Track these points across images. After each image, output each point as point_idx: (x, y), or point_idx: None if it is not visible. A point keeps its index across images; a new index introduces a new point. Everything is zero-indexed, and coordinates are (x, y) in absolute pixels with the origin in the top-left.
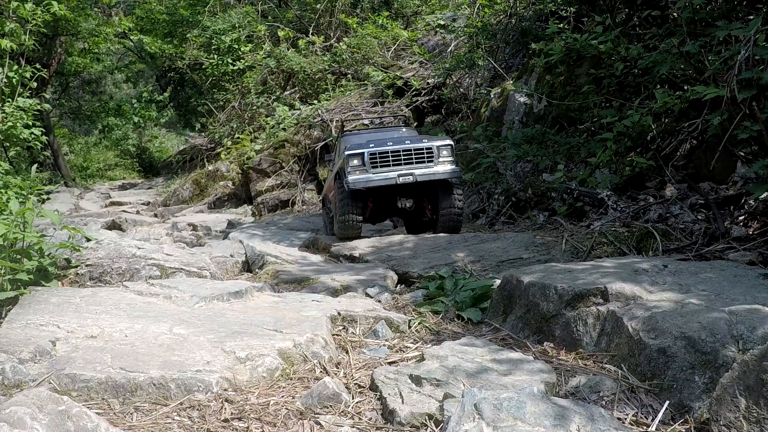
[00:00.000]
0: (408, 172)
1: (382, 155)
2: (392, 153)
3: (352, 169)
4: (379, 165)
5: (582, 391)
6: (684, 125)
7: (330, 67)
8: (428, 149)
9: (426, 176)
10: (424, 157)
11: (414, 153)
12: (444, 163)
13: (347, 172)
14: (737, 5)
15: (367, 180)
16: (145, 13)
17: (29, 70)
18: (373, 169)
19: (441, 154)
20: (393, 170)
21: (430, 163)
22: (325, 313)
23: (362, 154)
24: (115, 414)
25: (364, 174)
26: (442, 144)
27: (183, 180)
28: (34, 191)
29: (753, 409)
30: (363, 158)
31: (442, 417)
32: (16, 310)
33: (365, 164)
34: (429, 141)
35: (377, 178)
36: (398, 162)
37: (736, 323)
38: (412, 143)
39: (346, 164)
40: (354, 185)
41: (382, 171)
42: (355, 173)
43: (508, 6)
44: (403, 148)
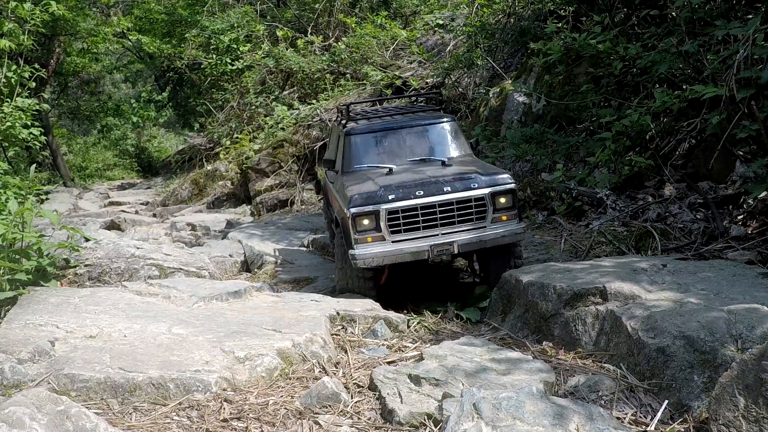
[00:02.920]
0: (446, 241)
1: (408, 212)
2: (423, 209)
3: (361, 234)
4: (402, 227)
5: (581, 390)
6: (683, 124)
7: (329, 66)
8: (478, 199)
9: (473, 246)
10: (471, 213)
11: (456, 206)
12: (500, 218)
13: (354, 240)
14: (736, 4)
15: (384, 255)
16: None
17: (28, 70)
18: (393, 234)
19: (497, 205)
20: (423, 235)
21: (481, 220)
22: (324, 312)
23: (376, 213)
24: (114, 414)
25: (379, 243)
26: (500, 189)
27: (182, 180)
28: (32, 191)
29: (752, 408)
30: (377, 218)
31: (441, 416)
32: (14, 310)
33: (381, 227)
34: (479, 184)
35: (399, 250)
36: (432, 221)
37: (735, 322)
38: (454, 189)
39: (351, 225)
40: (365, 262)
41: (406, 237)
42: (364, 241)
43: (507, 5)
44: (439, 200)
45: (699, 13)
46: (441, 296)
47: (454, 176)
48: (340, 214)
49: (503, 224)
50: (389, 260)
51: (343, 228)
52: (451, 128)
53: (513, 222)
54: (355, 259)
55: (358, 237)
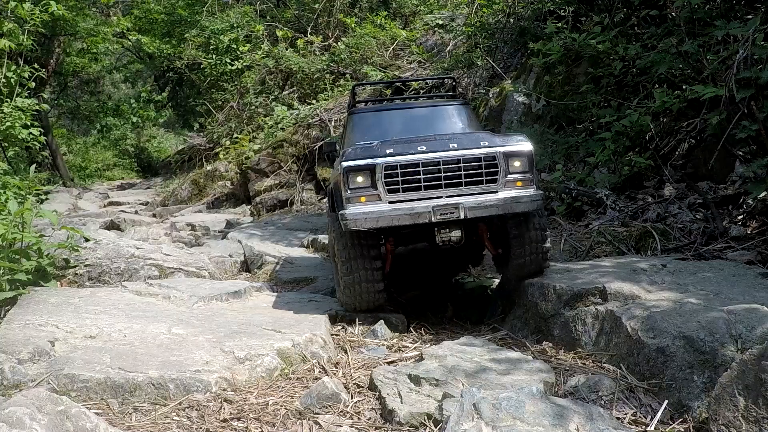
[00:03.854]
0: (451, 202)
1: (408, 169)
2: (425, 165)
3: (355, 193)
4: (401, 186)
5: (581, 390)
6: (682, 124)
7: (328, 66)
8: (489, 158)
9: (482, 210)
10: (481, 173)
11: (463, 165)
12: (515, 183)
13: (345, 199)
14: (735, 5)
15: (379, 215)
16: (144, 13)
17: (27, 70)
18: (391, 194)
19: (511, 168)
20: (425, 196)
21: (492, 183)
22: (323, 312)
23: (371, 168)
24: (114, 414)
25: (374, 203)
26: (513, 149)
27: (181, 180)
28: (32, 191)
29: (752, 408)
30: (373, 174)
31: (441, 417)
32: (14, 311)
33: (377, 185)
34: (490, 143)
35: (397, 211)
36: (435, 180)
37: (735, 323)
38: (461, 146)
39: (343, 182)
40: (356, 223)
41: (405, 198)
42: (358, 201)
43: (507, 5)
44: (444, 156)
45: (699, 14)
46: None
47: (462, 134)
48: (334, 181)
49: (517, 189)
50: (385, 222)
51: (335, 191)
52: (463, 110)
53: (529, 188)
54: (346, 219)
55: (350, 195)
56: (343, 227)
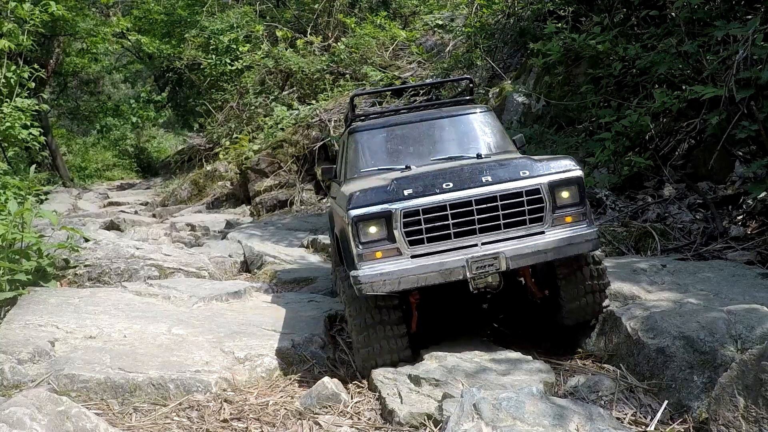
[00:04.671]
0: (489, 252)
1: (433, 213)
2: (455, 207)
3: (367, 248)
4: (425, 235)
5: (581, 390)
6: (682, 125)
7: (328, 66)
8: (532, 192)
9: (528, 258)
10: (523, 212)
11: (501, 204)
12: (563, 219)
13: (357, 256)
14: (735, 5)
15: (400, 275)
16: (143, 13)
17: (27, 70)
18: (413, 246)
19: (558, 201)
20: (456, 246)
21: (537, 223)
22: (323, 312)
23: (387, 216)
24: (114, 414)
25: (393, 259)
26: (560, 178)
27: (181, 180)
28: (32, 191)
29: (752, 408)
30: (389, 223)
31: (441, 417)
32: (14, 311)
33: (395, 236)
34: (532, 171)
35: (422, 268)
36: (468, 225)
37: (735, 323)
38: (497, 179)
39: (352, 235)
40: (373, 287)
41: (431, 249)
42: (372, 258)
43: (506, 6)
44: (477, 194)
45: (698, 14)
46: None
47: (495, 162)
48: (340, 226)
49: (568, 227)
50: (408, 283)
51: (342, 241)
52: (486, 120)
53: (581, 224)
54: (359, 283)
55: (363, 251)
56: (356, 291)
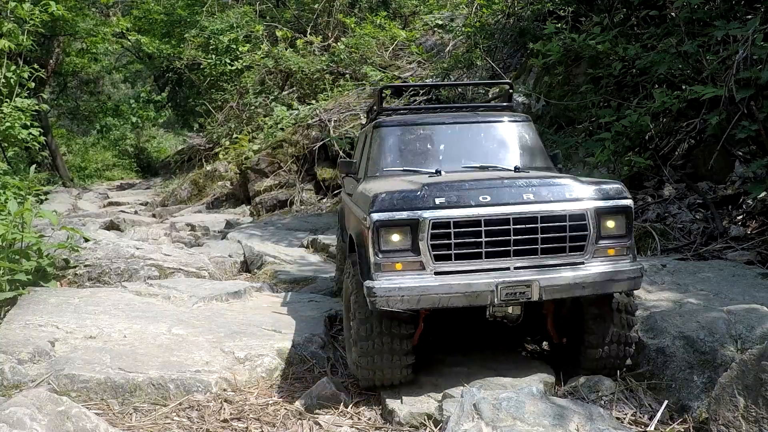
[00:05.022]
0: (522, 279)
1: (465, 228)
2: (490, 224)
3: (387, 257)
4: (453, 251)
5: (581, 390)
6: (682, 125)
7: (328, 66)
8: (576, 217)
9: (564, 291)
10: (564, 238)
11: (542, 226)
12: (606, 251)
13: (374, 265)
14: (735, 5)
15: (421, 292)
16: (143, 13)
17: (27, 70)
18: (438, 261)
19: (603, 230)
20: (486, 267)
21: (577, 252)
22: (323, 313)
23: (414, 224)
24: (114, 414)
25: (414, 273)
26: (609, 205)
27: (181, 180)
28: (32, 191)
29: (752, 408)
30: (415, 233)
31: (441, 417)
32: (14, 311)
33: (420, 248)
34: (579, 194)
35: (446, 287)
36: (501, 245)
37: (735, 323)
38: (540, 197)
39: (372, 241)
40: (389, 302)
41: (458, 267)
42: (391, 269)
43: (506, 6)
44: (516, 212)
45: (698, 14)
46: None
47: (539, 179)
48: (356, 228)
49: (610, 261)
50: (428, 302)
51: (359, 247)
52: (525, 130)
53: (625, 258)
54: (374, 295)
55: (382, 260)
56: (369, 304)
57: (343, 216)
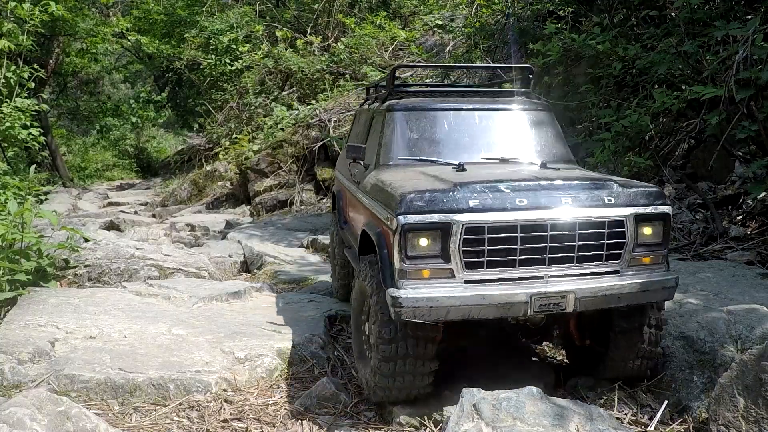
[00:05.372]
0: (557, 289)
1: (500, 234)
2: (526, 229)
3: (414, 264)
4: (486, 258)
5: (581, 390)
6: (682, 125)
7: (328, 67)
8: (615, 225)
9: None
10: (601, 245)
11: (579, 232)
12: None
13: (399, 271)
14: (735, 5)
15: (451, 304)
16: (143, 13)
17: (27, 70)
18: (469, 269)
19: (640, 238)
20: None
21: (614, 260)
22: (323, 313)
23: (445, 228)
24: (114, 414)
25: (443, 281)
26: (648, 212)
27: (181, 180)
28: (32, 192)
29: (752, 408)
30: (446, 238)
31: (441, 417)
32: (14, 311)
33: (451, 255)
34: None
35: (478, 298)
36: (537, 253)
37: (735, 323)
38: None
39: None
40: (416, 313)
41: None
42: (418, 276)
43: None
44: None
45: (698, 14)
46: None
47: (577, 182)
48: (374, 227)
49: (645, 270)
50: (459, 313)
51: (380, 249)
52: (547, 120)
53: (659, 269)
54: (400, 305)
55: (408, 267)
56: (393, 315)
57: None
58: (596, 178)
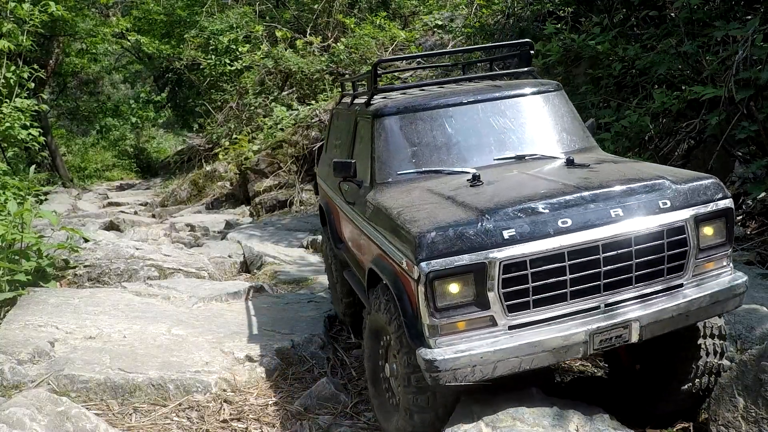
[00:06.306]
0: (617, 322)
1: (546, 266)
2: (574, 255)
3: (446, 317)
4: (532, 296)
5: (580, 390)
6: (682, 125)
7: (328, 67)
8: (674, 232)
9: (668, 324)
10: (661, 259)
11: (636, 248)
12: (704, 265)
13: (429, 327)
14: (735, 5)
15: (498, 358)
16: (143, 13)
17: (27, 70)
18: (512, 313)
19: (702, 241)
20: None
21: (676, 273)
22: (323, 313)
23: (480, 270)
24: (114, 415)
25: (483, 331)
26: (708, 210)
27: (181, 180)
28: (32, 192)
29: (751, 408)
30: (481, 280)
31: None
32: (14, 311)
33: (489, 299)
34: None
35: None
36: (588, 281)
37: (735, 323)
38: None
39: (424, 297)
40: (457, 375)
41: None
42: (452, 330)
43: (506, 6)
44: (605, 237)
45: (698, 14)
46: None
47: (622, 184)
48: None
49: (710, 276)
50: (507, 368)
51: (399, 298)
52: (559, 102)
53: (724, 272)
54: (437, 370)
55: (439, 321)
56: (430, 380)
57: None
58: (644, 177)
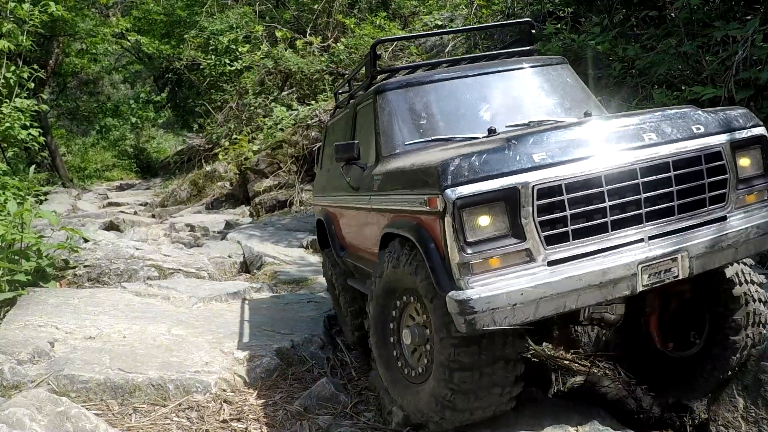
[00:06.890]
0: (666, 251)
1: (582, 191)
2: (611, 180)
3: (478, 251)
4: (570, 226)
5: (580, 390)
6: None
7: (327, 67)
8: (712, 158)
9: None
10: (702, 187)
11: (675, 174)
12: (745, 198)
13: (458, 266)
14: (735, 5)
15: (540, 295)
16: (143, 13)
17: (27, 70)
18: (551, 245)
19: (741, 171)
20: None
21: (718, 204)
22: (323, 313)
23: (511, 197)
24: (113, 415)
25: (521, 270)
26: (743, 136)
27: (181, 181)
28: (31, 192)
29: (751, 408)
30: (514, 209)
31: None
32: (14, 311)
33: (525, 229)
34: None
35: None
36: (629, 209)
37: None
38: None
39: (452, 230)
40: (496, 317)
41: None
42: (484, 269)
43: (506, 6)
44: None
45: (698, 14)
46: None
47: (651, 112)
48: (404, 223)
49: (754, 209)
50: (551, 307)
51: (422, 243)
52: (566, 74)
53: (766, 204)
54: (472, 311)
55: (471, 258)
56: (464, 326)
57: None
58: (671, 107)
